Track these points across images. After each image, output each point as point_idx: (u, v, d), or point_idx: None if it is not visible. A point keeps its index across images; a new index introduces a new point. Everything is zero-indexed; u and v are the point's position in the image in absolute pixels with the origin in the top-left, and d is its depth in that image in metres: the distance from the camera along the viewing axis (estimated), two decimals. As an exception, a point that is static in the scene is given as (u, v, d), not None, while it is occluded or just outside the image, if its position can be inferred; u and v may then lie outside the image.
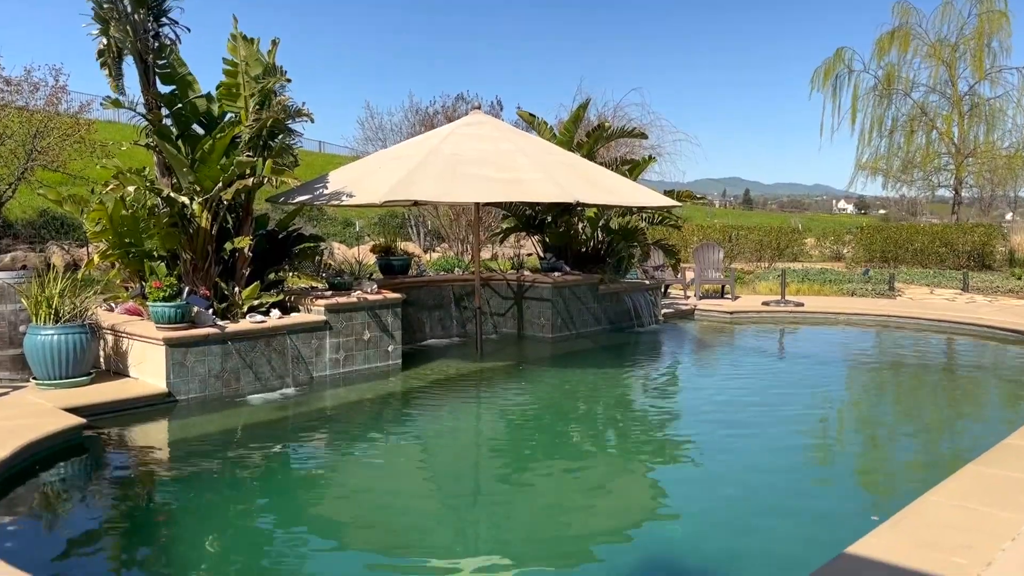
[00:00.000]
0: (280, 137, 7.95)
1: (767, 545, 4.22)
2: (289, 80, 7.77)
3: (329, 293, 8.36)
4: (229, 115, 7.77)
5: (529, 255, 16.13)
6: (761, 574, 3.91)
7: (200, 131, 7.80)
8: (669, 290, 14.92)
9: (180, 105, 7.61)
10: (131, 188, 7.01)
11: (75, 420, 5.74)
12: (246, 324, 7.34)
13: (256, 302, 7.59)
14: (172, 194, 7.17)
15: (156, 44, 7.42)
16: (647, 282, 12.37)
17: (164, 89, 7.62)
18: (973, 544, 3.62)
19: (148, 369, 6.94)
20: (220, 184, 7.19)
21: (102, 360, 7.45)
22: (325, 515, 4.73)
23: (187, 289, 7.16)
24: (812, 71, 32.04)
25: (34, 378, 6.67)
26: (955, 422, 7.20)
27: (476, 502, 5.06)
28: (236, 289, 7.63)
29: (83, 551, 4.11)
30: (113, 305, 7.88)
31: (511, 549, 4.20)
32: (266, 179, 7.37)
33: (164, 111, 7.59)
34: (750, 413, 7.13)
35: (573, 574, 3.93)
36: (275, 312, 7.70)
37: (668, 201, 10.06)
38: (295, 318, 7.81)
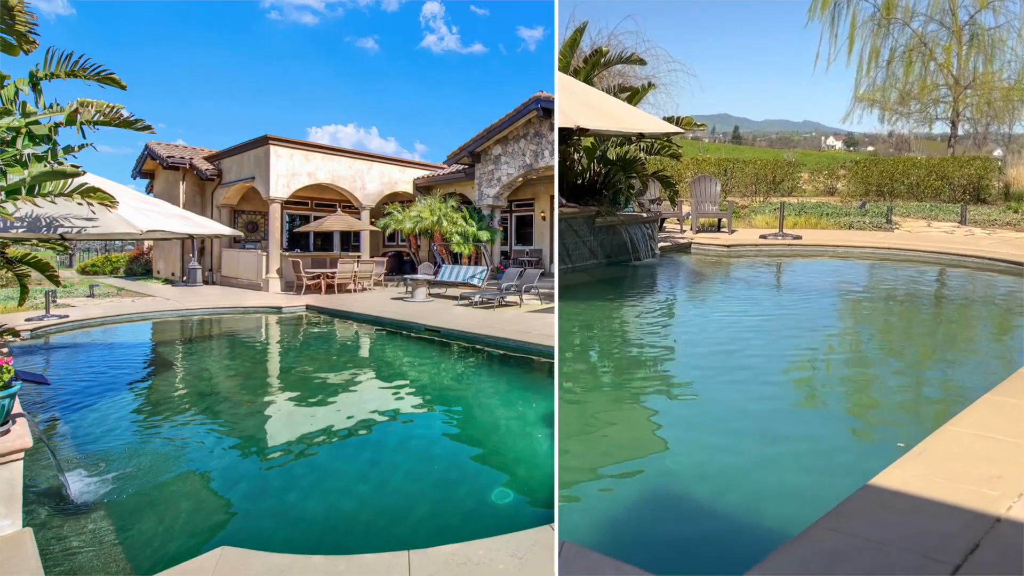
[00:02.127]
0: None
1: (778, 478, 4.09)
2: None
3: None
4: None
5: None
6: (775, 509, 3.78)
7: None
8: (665, 224, 14.68)
9: None
10: None
11: None
12: None
13: None
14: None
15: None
16: (644, 215, 12.11)
17: None
18: (1002, 475, 3.48)
19: None
20: None
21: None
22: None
23: None
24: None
25: None
26: (966, 352, 7.08)
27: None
28: None
29: None
30: None
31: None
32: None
33: None
34: (752, 346, 6.98)
35: (569, 506, 3.79)
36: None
37: (671, 127, 9.73)
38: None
